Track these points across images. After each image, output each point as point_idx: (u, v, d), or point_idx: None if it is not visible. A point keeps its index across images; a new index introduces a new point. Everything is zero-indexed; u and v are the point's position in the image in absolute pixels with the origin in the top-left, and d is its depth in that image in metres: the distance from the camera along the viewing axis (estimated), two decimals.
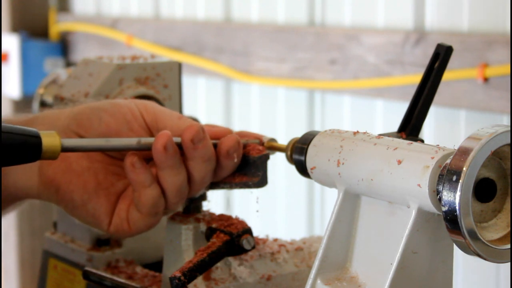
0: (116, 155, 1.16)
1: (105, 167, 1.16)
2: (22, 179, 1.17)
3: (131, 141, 1.12)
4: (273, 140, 1.19)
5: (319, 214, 2.52)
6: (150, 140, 1.12)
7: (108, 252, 1.33)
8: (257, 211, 2.27)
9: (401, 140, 0.99)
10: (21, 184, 1.17)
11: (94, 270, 1.17)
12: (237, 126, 2.73)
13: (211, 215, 1.21)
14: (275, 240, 1.26)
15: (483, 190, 0.91)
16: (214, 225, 1.17)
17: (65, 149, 1.07)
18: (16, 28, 3.41)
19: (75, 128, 1.16)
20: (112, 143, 1.12)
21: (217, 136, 1.17)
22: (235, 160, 1.16)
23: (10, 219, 3.40)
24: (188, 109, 2.37)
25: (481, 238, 0.90)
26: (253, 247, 1.15)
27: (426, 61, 1.15)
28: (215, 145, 1.16)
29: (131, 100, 1.20)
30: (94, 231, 1.33)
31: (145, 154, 1.14)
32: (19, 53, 3.34)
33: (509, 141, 0.90)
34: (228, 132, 1.18)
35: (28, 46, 3.36)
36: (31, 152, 1.05)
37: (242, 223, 1.17)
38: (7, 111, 3.47)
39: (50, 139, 1.06)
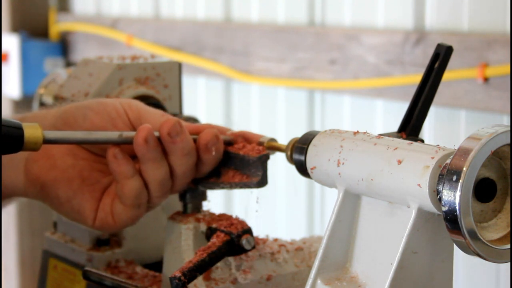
0: (101, 152, 1.18)
1: (89, 164, 1.18)
2: (9, 177, 1.19)
3: (113, 134, 1.15)
4: (273, 140, 1.19)
5: (319, 214, 2.52)
6: (131, 134, 1.14)
7: (108, 252, 1.33)
8: (257, 211, 2.26)
9: (401, 140, 0.99)
10: (8, 182, 1.19)
11: (94, 270, 1.17)
12: (237, 126, 2.72)
13: (211, 215, 1.21)
14: (275, 240, 1.26)
15: (483, 190, 0.91)
16: (214, 225, 1.17)
17: (47, 141, 1.10)
18: (16, 28, 3.41)
19: (61, 126, 1.18)
20: (94, 136, 1.14)
21: (198, 131, 1.18)
22: (213, 153, 1.17)
23: (10, 219, 3.40)
24: (188, 109, 2.36)
25: (481, 238, 0.90)
26: (253, 247, 1.15)
27: (426, 61, 1.16)
28: (196, 141, 1.17)
29: (116, 98, 1.22)
30: (94, 231, 1.33)
31: (128, 151, 1.15)
32: (19, 53, 3.34)
33: (509, 141, 0.90)
34: (208, 127, 1.19)
35: (28, 46, 3.36)
36: (13, 143, 1.07)
37: (242, 223, 1.17)
38: (7, 111, 3.47)
39: (32, 131, 1.08)
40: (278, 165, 2.41)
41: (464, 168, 0.88)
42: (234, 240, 1.15)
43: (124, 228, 1.21)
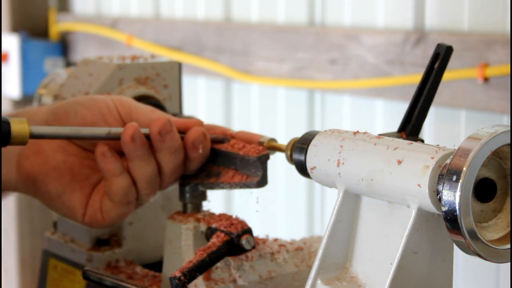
0: (92, 148, 1.19)
1: (80, 161, 1.19)
2: (2, 173, 1.19)
3: (101, 130, 1.16)
4: (273, 140, 1.19)
5: (319, 214, 2.52)
6: (119, 130, 1.16)
7: (108, 252, 1.33)
8: (257, 211, 2.26)
9: (401, 140, 0.99)
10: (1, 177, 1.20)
11: (94, 270, 1.17)
12: (237, 126, 2.72)
13: (211, 215, 1.21)
14: (275, 240, 1.26)
15: (483, 190, 0.91)
16: (214, 225, 1.17)
17: (33, 136, 1.11)
18: (16, 28, 3.41)
19: (52, 122, 1.19)
20: (82, 132, 1.15)
21: (186, 127, 1.20)
22: (200, 151, 1.18)
23: (10, 219, 3.40)
24: (188, 109, 2.37)
25: (481, 238, 0.90)
26: (253, 247, 1.15)
27: (426, 61, 1.15)
28: (184, 139, 1.18)
29: (107, 95, 1.24)
30: (94, 231, 1.33)
31: (118, 147, 1.16)
32: (19, 53, 3.34)
33: (509, 141, 0.90)
34: (196, 123, 1.20)
35: (28, 46, 3.36)
36: (0, 137, 1.08)
37: (242, 223, 1.17)
38: (7, 111, 3.46)
39: (19, 126, 1.09)
40: (278, 165, 2.41)
41: (464, 168, 0.88)
42: (234, 240, 1.15)
43: (113, 225, 1.22)
